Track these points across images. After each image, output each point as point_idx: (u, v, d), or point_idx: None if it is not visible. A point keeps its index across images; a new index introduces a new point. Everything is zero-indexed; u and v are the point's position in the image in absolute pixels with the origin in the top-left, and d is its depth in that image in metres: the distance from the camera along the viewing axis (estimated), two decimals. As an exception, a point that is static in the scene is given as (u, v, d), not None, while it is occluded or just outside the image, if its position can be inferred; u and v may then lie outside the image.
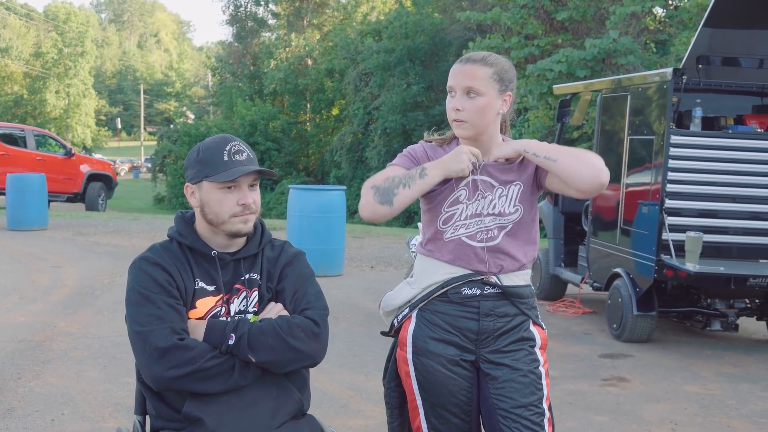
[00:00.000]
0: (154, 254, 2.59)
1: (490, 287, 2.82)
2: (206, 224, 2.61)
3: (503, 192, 2.83)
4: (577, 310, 8.75)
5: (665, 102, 7.01)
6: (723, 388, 6.13)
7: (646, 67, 16.46)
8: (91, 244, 12.90)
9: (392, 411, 3.00)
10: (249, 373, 2.51)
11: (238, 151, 2.59)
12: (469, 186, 2.81)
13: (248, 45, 46.79)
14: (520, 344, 2.84)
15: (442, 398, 2.81)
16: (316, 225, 9.90)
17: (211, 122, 39.09)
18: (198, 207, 2.61)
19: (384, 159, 28.98)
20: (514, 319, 2.85)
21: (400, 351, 2.91)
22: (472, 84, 2.74)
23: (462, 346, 2.82)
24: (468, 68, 2.76)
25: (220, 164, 2.55)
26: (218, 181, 2.54)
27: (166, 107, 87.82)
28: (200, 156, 2.59)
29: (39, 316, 7.64)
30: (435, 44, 29.81)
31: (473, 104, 2.75)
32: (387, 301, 3.01)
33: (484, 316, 2.81)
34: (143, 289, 2.51)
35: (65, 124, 67.27)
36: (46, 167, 18.49)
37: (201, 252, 2.61)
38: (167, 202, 38.04)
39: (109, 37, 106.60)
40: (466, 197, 2.81)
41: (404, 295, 2.94)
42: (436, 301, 2.84)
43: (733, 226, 7.18)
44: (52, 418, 4.93)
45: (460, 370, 2.82)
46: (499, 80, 2.77)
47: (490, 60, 2.78)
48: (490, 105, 2.76)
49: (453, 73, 2.80)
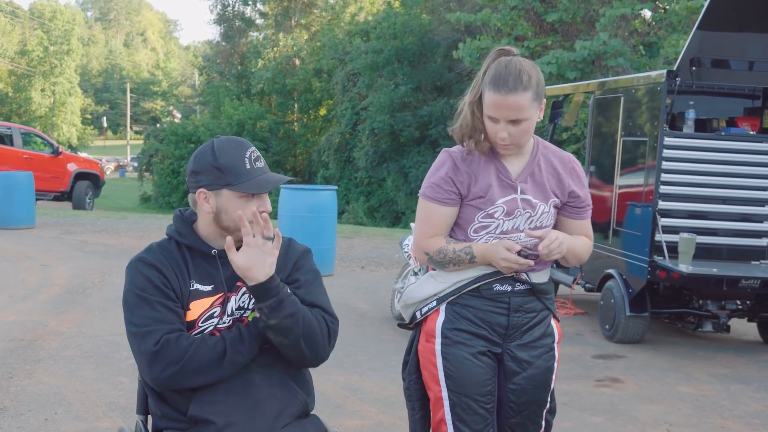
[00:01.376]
0: (151, 255, 2.57)
1: (520, 284, 2.89)
2: (216, 228, 2.57)
3: (545, 209, 2.90)
4: (569, 311, 8.76)
5: (659, 104, 7.03)
6: (716, 389, 6.15)
7: (635, 70, 16.51)
8: (79, 243, 12.83)
9: (414, 404, 3.04)
10: (244, 348, 2.49)
11: (258, 158, 2.56)
12: (507, 204, 2.85)
13: (236, 44, 46.63)
14: (543, 340, 2.95)
15: (470, 388, 2.85)
16: (307, 225, 9.87)
17: (198, 121, 38.90)
18: (211, 213, 2.55)
19: (372, 159, 28.98)
20: (539, 314, 2.94)
21: (426, 343, 2.94)
22: (518, 116, 2.72)
23: (490, 339, 2.88)
24: (512, 101, 2.69)
25: (243, 173, 2.51)
26: (244, 191, 2.50)
27: (152, 106, 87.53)
28: (219, 162, 2.50)
29: (29, 315, 7.59)
30: (423, 45, 29.77)
31: (519, 130, 2.76)
32: (410, 293, 3.03)
33: (513, 312, 2.88)
34: (140, 291, 2.49)
35: (51, 123, 66.89)
36: (33, 165, 18.40)
37: (200, 251, 2.58)
38: (154, 201, 37.83)
39: (95, 36, 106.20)
40: (503, 214, 2.85)
41: (430, 288, 2.97)
42: (467, 296, 2.89)
43: (724, 228, 7.22)
44: (46, 417, 4.90)
45: (487, 360, 2.88)
46: (537, 98, 2.75)
47: (525, 81, 2.71)
48: (533, 122, 2.79)
49: (495, 104, 2.72)
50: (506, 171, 2.86)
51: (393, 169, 28.61)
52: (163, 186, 36.22)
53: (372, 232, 17.40)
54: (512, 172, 2.87)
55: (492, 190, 2.83)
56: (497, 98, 2.71)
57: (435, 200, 2.86)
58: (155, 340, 2.42)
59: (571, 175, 2.94)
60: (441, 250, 2.85)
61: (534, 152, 2.90)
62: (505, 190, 2.85)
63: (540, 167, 2.90)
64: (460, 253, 2.82)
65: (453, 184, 2.84)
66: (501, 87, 2.70)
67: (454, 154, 2.89)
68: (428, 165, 17.45)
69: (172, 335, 2.44)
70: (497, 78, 2.72)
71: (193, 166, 2.56)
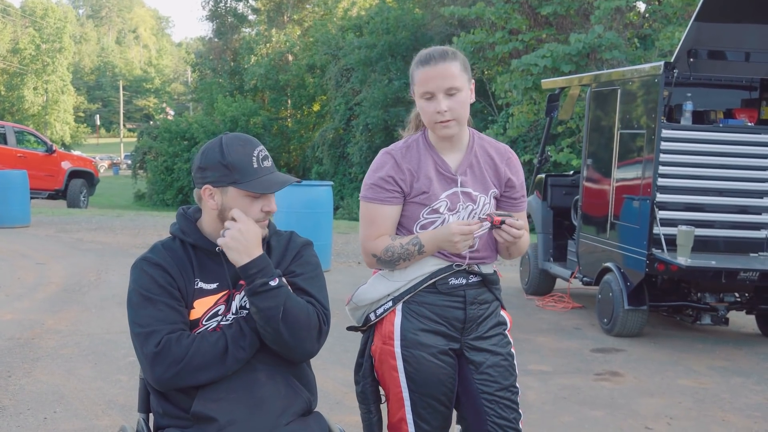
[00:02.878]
0: (156, 254, 2.55)
1: (473, 276, 2.92)
2: (219, 224, 2.55)
3: (486, 200, 2.92)
4: (567, 305, 8.75)
5: (656, 96, 7.01)
6: (716, 382, 6.14)
7: (630, 62, 16.48)
8: (75, 241, 12.79)
9: (369, 406, 3.00)
10: (246, 342, 2.47)
11: (266, 157, 2.56)
12: (450, 198, 2.87)
13: (228, 41, 46.49)
14: (497, 329, 2.97)
15: (432, 388, 2.85)
16: (303, 221, 9.84)
17: (192, 118, 38.76)
18: (216, 209, 2.54)
19: (365, 155, 28.90)
20: (491, 305, 2.98)
21: (384, 345, 2.90)
22: (452, 83, 2.76)
23: (449, 335, 2.89)
24: (441, 68, 2.76)
25: (250, 171, 2.50)
26: (251, 191, 2.49)
27: (145, 103, 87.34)
28: (227, 160, 2.49)
29: (26, 313, 7.56)
30: (416, 40, 29.70)
31: (457, 101, 2.78)
32: (361, 294, 2.98)
33: (469, 305, 2.90)
34: (144, 291, 2.48)
35: (44, 121, 66.67)
36: (27, 164, 18.35)
37: (204, 249, 2.56)
38: (148, 198, 37.73)
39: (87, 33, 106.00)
40: (447, 208, 2.87)
41: (383, 289, 2.93)
42: (423, 293, 2.89)
43: (722, 220, 7.20)
44: (45, 416, 4.87)
45: (447, 358, 2.89)
46: (465, 69, 2.82)
47: (450, 52, 2.81)
48: (467, 97, 2.82)
49: (426, 77, 2.78)
50: (445, 164, 2.87)
51: (387, 165, 28.53)
52: (157, 183, 36.10)
53: (368, 227, 17.34)
54: (451, 164, 2.88)
55: (433, 185, 2.84)
56: (427, 70, 2.79)
57: (377, 200, 2.87)
58: (157, 341, 2.41)
59: (508, 164, 2.97)
60: (388, 248, 2.83)
61: (470, 144, 2.93)
62: (445, 183, 2.86)
63: (478, 159, 2.92)
64: (408, 246, 2.81)
65: (395, 182, 2.85)
66: (428, 60, 2.79)
67: (393, 153, 2.90)
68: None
69: (174, 335, 2.43)
70: (423, 55, 2.84)
71: (200, 162, 2.55)
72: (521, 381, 3.07)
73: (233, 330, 2.48)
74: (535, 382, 5.92)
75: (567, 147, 18.11)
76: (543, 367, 6.36)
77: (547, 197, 9.22)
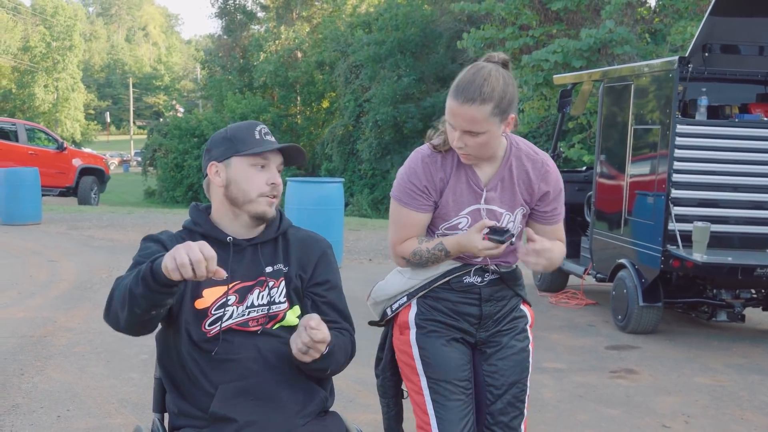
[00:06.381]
0: (160, 234, 2.57)
1: (489, 274, 2.90)
2: (228, 207, 2.54)
3: (510, 218, 2.87)
4: (580, 302, 8.70)
5: (671, 91, 6.94)
6: (733, 380, 6.09)
7: (641, 57, 16.40)
8: (86, 239, 12.79)
9: (388, 401, 3.09)
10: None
11: (267, 133, 2.57)
12: (471, 215, 2.83)
13: (237, 38, 46.49)
14: (515, 323, 2.96)
15: (448, 372, 2.84)
16: (314, 217, 9.80)
17: (202, 116, 38.83)
18: (222, 186, 2.53)
19: (375, 152, 28.91)
20: (510, 302, 2.95)
21: (401, 336, 2.94)
22: (473, 128, 2.63)
23: (464, 329, 2.90)
24: (465, 111, 2.61)
25: (252, 141, 2.52)
26: (251, 153, 2.49)
27: (155, 101, 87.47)
28: (229, 134, 2.55)
29: (39, 311, 7.55)
30: (426, 36, 29.69)
31: (475, 142, 2.67)
32: (379, 290, 3.03)
33: (485, 302, 2.89)
34: (135, 258, 2.48)
35: (54, 118, 66.76)
36: (38, 161, 18.35)
37: (215, 239, 2.52)
38: (158, 195, 37.81)
39: (97, 31, 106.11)
40: (467, 225, 2.83)
41: (398, 285, 2.96)
42: (438, 289, 2.89)
43: (737, 216, 7.14)
44: (58, 414, 4.85)
45: (461, 346, 2.90)
46: (500, 112, 2.63)
47: (486, 93, 2.59)
48: (493, 137, 2.69)
49: (452, 111, 2.65)
50: (476, 177, 2.81)
51: (397, 161, 28.52)
52: (167, 180, 36.18)
53: (378, 224, 17.34)
54: (482, 178, 2.82)
55: (459, 199, 2.81)
56: (453, 105, 2.65)
57: (412, 207, 2.82)
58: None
59: (544, 179, 2.86)
60: (416, 251, 2.83)
61: (506, 155, 2.84)
62: (472, 198, 2.81)
63: (511, 172, 2.84)
64: (434, 251, 2.80)
65: (428, 191, 2.80)
66: (458, 95, 2.63)
67: (428, 160, 2.82)
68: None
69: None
70: (459, 84, 2.65)
71: (207, 147, 2.61)
72: (536, 379, 3.05)
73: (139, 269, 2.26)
74: (550, 380, 5.88)
75: (578, 143, 18.04)
76: (558, 365, 6.31)
77: (560, 193, 9.15)
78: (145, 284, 2.18)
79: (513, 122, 2.71)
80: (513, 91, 2.67)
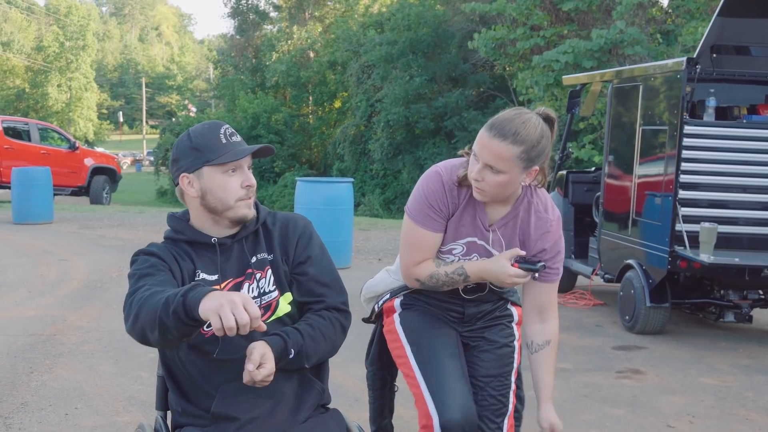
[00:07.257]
0: (151, 247, 2.56)
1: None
2: (207, 215, 2.52)
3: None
4: (588, 302, 8.71)
5: (679, 92, 6.94)
6: (739, 380, 6.09)
7: (652, 58, 16.38)
8: (97, 238, 12.87)
9: (375, 392, 3.28)
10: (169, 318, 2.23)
11: (233, 134, 2.52)
12: (468, 245, 2.87)
13: (250, 38, 46.60)
14: (499, 320, 3.03)
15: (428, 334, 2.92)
16: (324, 217, 9.83)
17: (214, 115, 39.02)
18: (197, 197, 2.50)
19: (387, 152, 28.92)
20: (493, 303, 3.03)
21: (387, 319, 3.05)
22: (494, 164, 2.64)
23: (447, 321, 3.01)
24: (495, 146, 2.62)
25: (219, 147, 2.46)
26: (222, 162, 2.45)
27: (167, 100, 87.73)
28: (194, 143, 2.48)
29: (49, 309, 7.61)
30: (438, 36, 29.67)
31: (493, 179, 2.68)
32: (369, 288, 3.17)
33: (468, 302, 2.97)
34: (137, 270, 2.45)
35: (67, 118, 67.00)
36: (50, 161, 18.46)
37: (201, 243, 2.54)
38: (170, 195, 37.93)
39: (110, 31, 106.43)
40: (461, 253, 2.88)
41: (386, 284, 3.09)
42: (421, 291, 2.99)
43: (744, 217, 7.13)
44: (66, 412, 4.89)
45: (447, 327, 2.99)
46: (527, 159, 2.64)
47: (520, 136, 2.61)
48: (512, 181, 2.70)
49: (480, 141, 2.67)
50: (484, 215, 2.84)
51: (408, 161, 28.57)
52: (179, 180, 36.23)
53: (388, 224, 17.36)
54: (490, 217, 2.84)
55: (462, 229, 2.83)
56: (484, 137, 2.66)
57: (428, 228, 2.83)
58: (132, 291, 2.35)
59: (542, 237, 2.87)
60: (432, 275, 2.84)
61: (518, 202, 2.85)
62: (472, 232, 2.84)
63: (517, 219, 2.85)
64: (453, 275, 2.82)
65: (443, 213, 2.82)
66: (492, 129, 2.64)
67: (447, 183, 2.83)
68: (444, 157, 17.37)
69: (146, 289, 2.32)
70: (496, 119, 2.67)
71: (173, 156, 2.54)
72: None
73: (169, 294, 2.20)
74: (556, 380, 5.86)
75: (589, 143, 18.03)
76: (564, 365, 6.32)
77: (568, 194, 9.16)
78: (176, 318, 2.12)
79: (535, 174, 2.72)
80: (546, 144, 2.68)
